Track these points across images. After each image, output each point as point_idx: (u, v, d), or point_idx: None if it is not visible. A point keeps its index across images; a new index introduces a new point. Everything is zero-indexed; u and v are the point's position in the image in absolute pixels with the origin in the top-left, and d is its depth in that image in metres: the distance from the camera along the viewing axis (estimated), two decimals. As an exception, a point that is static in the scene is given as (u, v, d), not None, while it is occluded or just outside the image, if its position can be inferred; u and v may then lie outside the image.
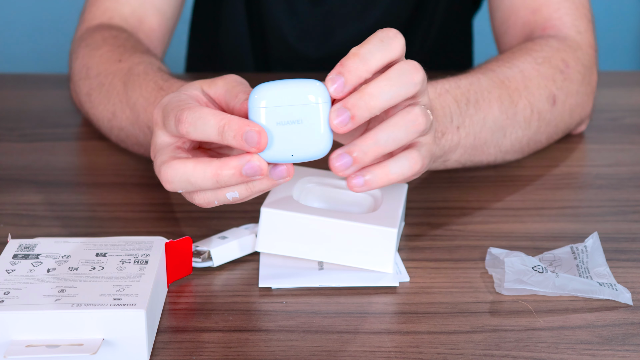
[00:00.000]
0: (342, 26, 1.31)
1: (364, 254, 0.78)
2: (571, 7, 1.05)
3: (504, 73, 0.94)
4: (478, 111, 0.89)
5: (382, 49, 0.69)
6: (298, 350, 0.69)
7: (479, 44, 1.55)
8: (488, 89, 0.91)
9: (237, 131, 0.67)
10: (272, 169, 0.69)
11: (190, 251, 0.77)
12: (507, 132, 0.93)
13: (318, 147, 0.68)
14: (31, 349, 0.65)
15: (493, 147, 0.92)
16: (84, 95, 1.02)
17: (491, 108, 0.90)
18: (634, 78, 1.39)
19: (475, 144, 0.89)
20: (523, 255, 0.77)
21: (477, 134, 0.89)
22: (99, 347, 0.65)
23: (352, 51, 0.69)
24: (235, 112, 0.72)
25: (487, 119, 0.90)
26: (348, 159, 0.69)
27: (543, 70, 0.96)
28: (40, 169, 1.00)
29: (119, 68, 0.98)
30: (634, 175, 0.98)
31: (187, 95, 0.73)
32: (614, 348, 0.69)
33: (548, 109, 0.97)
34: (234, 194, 0.70)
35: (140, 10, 1.11)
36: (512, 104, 0.92)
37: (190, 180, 0.69)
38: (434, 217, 0.89)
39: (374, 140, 0.69)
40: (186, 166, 0.69)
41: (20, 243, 0.75)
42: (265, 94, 0.68)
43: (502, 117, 0.91)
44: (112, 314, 0.66)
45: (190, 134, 0.69)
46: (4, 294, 0.68)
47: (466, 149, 0.88)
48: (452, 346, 0.70)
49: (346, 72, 0.68)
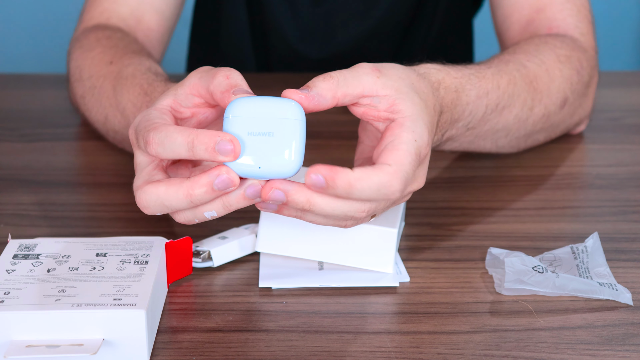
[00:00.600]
0: (343, 26, 1.31)
1: (364, 254, 0.78)
2: (573, 8, 1.05)
3: (534, 71, 0.93)
4: (496, 117, 0.88)
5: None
6: (298, 350, 0.69)
7: (480, 44, 1.55)
8: (518, 92, 0.90)
9: (208, 144, 0.66)
10: (247, 188, 0.69)
11: (191, 251, 0.77)
12: (510, 133, 0.93)
13: (286, 163, 0.67)
14: (31, 349, 0.65)
15: (490, 143, 0.92)
16: (79, 98, 1.03)
17: (510, 114, 0.90)
18: (634, 78, 1.39)
19: (473, 140, 0.89)
20: (523, 256, 0.77)
21: (481, 133, 0.89)
22: (99, 347, 0.65)
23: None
24: (217, 99, 0.71)
25: (499, 123, 0.89)
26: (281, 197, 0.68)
27: (565, 71, 0.96)
28: (40, 169, 1.00)
29: (109, 71, 0.98)
30: (634, 175, 0.98)
31: (158, 110, 0.72)
32: (614, 348, 0.69)
33: (557, 111, 0.97)
34: (212, 213, 0.69)
35: (138, 10, 1.11)
36: (530, 110, 0.92)
37: (165, 203, 0.68)
38: (434, 217, 0.89)
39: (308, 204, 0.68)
40: (158, 190, 0.68)
41: (20, 243, 0.75)
42: (241, 105, 0.68)
43: (513, 121, 0.91)
44: (112, 314, 0.66)
45: (160, 154, 0.68)
46: (4, 294, 0.68)
47: (462, 143, 0.89)
48: (452, 346, 0.70)
49: None
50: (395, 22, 1.32)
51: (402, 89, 0.72)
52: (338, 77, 0.70)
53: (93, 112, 1.00)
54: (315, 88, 0.69)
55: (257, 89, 0.77)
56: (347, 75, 0.71)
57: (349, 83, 0.70)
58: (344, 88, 0.70)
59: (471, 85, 0.83)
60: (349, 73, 0.71)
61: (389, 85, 0.71)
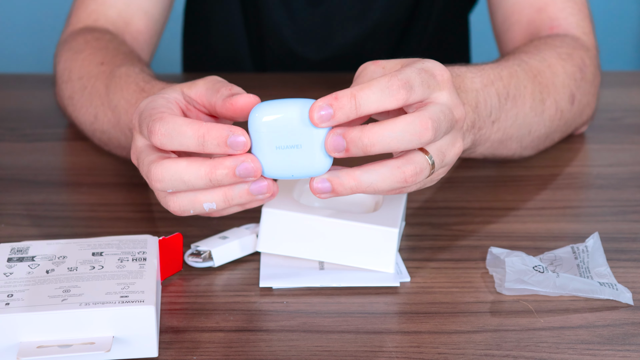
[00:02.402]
0: (341, 28, 1.31)
1: (365, 254, 0.78)
2: (574, 7, 1.05)
3: (536, 67, 0.93)
4: (514, 107, 0.88)
5: (381, 98, 0.67)
6: (299, 350, 0.69)
7: (476, 41, 1.56)
8: (524, 83, 0.90)
9: (220, 139, 0.67)
10: (253, 183, 0.69)
11: (181, 247, 0.77)
12: (532, 130, 0.92)
13: (316, 168, 0.69)
14: (44, 349, 0.65)
15: (516, 143, 0.92)
16: (67, 99, 1.02)
17: (524, 104, 0.90)
18: (634, 78, 1.39)
19: (502, 139, 0.89)
20: (524, 255, 0.77)
21: (507, 129, 0.88)
22: (111, 344, 0.65)
23: (352, 90, 0.67)
24: (217, 108, 0.72)
25: (519, 115, 0.89)
26: (327, 186, 0.69)
27: (567, 68, 0.96)
28: (40, 169, 1.00)
29: (101, 71, 0.97)
30: (634, 175, 0.98)
31: (166, 100, 0.72)
32: (614, 348, 0.69)
33: (569, 108, 0.97)
34: (211, 205, 0.69)
35: (126, 12, 1.10)
36: (542, 102, 0.92)
37: (184, 178, 0.68)
38: (434, 217, 0.89)
39: (356, 181, 0.68)
40: (178, 165, 0.68)
41: (12, 246, 0.75)
42: (265, 114, 0.68)
43: (531, 114, 0.91)
44: (122, 311, 0.66)
45: (165, 145, 0.68)
46: (8, 296, 0.68)
47: (493, 143, 0.88)
48: (452, 346, 0.70)
49: (337, 108, 0.67)
50: (392, 22, 1.32)
51: (405, 61, 0.73)
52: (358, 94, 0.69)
53: (82, 111, 0.99)
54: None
55: (254, 89, 0.77)
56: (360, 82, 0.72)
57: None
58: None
59: (472, 74, 0.83)
60: (361, 79, 0.73)
61: (394, 62, 0.73)
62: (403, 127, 0.67)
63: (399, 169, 0.68)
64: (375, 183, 0.68)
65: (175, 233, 0.76)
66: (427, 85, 0.69)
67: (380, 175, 0.68)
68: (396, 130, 0.67)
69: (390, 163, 0.69)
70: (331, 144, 0.67)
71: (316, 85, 1.22)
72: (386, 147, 0.67)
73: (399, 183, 0.69)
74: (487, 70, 0.86)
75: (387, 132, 0.67)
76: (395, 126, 0.67)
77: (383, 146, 0.67)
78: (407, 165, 0.69)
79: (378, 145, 0.67)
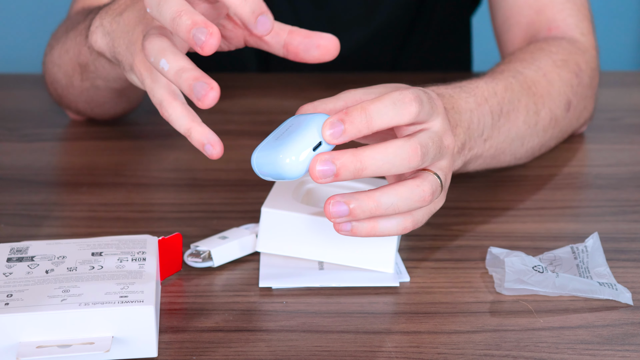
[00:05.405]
0: (346, 31, 1.31)
1: (364, 254, 0.78)
2: (573, 8, 1.05)
3: (531, 77, 0.93)
4: (507, 123, 0.88)
5: (392, 112, 0.67)
6: (298, 350, 0.69)
7: (478, 43, 1.56)
8: (518, 96, 0.90)
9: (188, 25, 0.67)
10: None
11: (181, 247, 0.77)
12: (525, 142, 0.92)
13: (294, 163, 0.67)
14: (44, 349, 0.65)
15: (509, 156, 0.92)
16: (48, 63, 1.04)
17: (517, 119, 0.90)
18: (634, 78, 1.39)
19: (495, 154, 0.88)
20: (523, 255, 0.77)
21: (499, 144, 0.88)
22: (111, 344, 0.65)
23: (363, 105, 0.67)
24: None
25: (512, 130, 0.89)
26: (344, 209, 0.68)
27: (563, 75, 0.96)
28: (40, 169, 1.00)
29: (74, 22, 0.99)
30: (634, 175, 0.98)
31: None
32: (614, 348, 0.69)
33: (564, 115, 0.97)
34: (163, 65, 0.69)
35: None
36: (536, 114, 0.92)
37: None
38: (434, 217, 0.88)
39: (375, 203, 0.68)
40: None
41: (11, 246, 0.75)
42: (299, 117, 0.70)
43: (524, 127, 0.91)
44: (121, 311, 0.66)
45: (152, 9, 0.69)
46: (7, 296, 0.68)
47: (485, 159, 0.88)
48: (452, 346, 0.70)
49: (348, 122, 0.66)
50: (395, 25, 1.32)
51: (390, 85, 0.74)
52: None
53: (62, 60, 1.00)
54: None
55: (258, 89, 0.77)
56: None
57: None
58: None
59: (466, 93, 0.83)
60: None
61: (377, 87, 0.74)
62: (394, 151, 0.67)
63: (418, 187, 0.69)
64: (396, 204, 0.68)
65: (174, 233, 0.77)
66: (430, 106, 0.70)
67: (400, 196, 0.68)
68: (388, 153, 0.67)
69: (408, 183, 0.69)
70: (319, 171, 0.66)
71: (317, 85, 1.22)
72: (377, 171, 0.67)
73: (418, 202, 0.69)
74: (482, 87, 0.86)
75: (379, 155, 0.67)
76: (387, 149, 0.67)
77: (374, 170, 0.67)
78: (425, 184, 0.69)
79: (370, 169, 0.67)
